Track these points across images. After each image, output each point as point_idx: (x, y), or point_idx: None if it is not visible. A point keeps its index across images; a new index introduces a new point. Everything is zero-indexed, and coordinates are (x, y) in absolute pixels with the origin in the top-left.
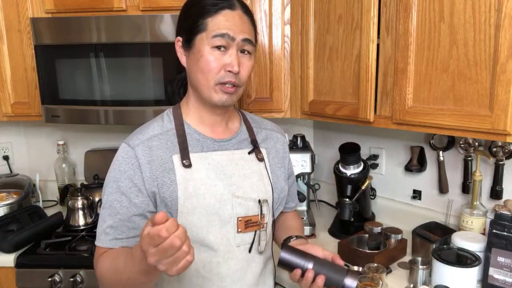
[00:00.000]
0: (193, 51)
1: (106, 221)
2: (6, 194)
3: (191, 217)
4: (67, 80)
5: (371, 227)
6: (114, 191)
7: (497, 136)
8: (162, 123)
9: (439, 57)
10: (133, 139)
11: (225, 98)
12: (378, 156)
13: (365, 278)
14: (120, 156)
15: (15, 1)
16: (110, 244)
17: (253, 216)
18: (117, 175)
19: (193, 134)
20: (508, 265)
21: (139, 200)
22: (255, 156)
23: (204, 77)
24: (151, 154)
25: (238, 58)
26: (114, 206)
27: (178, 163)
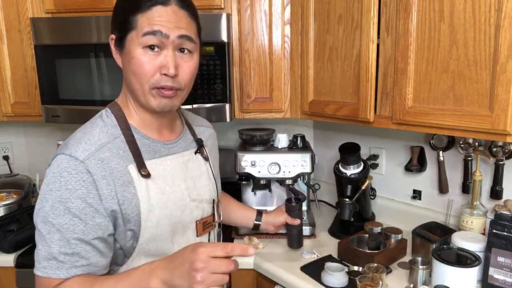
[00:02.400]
0: (124, 51)
1: (55, 247)
2: (6, 194)
3: (155, 230)
4: (67, 80)
5: (371, 227)
6: (63, 213)
7: (497, 136)
8: (106, 128)
9: (439, 57)
10: (78, 151)
11: (164, 102)
12: (378, 156)
13: (365, 278)
14: (65, 172)
15: (15, 1)
16: (69, 273)
17: (208, 217)
18: (64, 195)
19: (142, 139)
20: (508, 265)
21: (96, 222)
22: (201, 156)
23: (137, 81)
24: (104, 167)
25: (174, 58)
26: (66, 229)
27: (135, 174)
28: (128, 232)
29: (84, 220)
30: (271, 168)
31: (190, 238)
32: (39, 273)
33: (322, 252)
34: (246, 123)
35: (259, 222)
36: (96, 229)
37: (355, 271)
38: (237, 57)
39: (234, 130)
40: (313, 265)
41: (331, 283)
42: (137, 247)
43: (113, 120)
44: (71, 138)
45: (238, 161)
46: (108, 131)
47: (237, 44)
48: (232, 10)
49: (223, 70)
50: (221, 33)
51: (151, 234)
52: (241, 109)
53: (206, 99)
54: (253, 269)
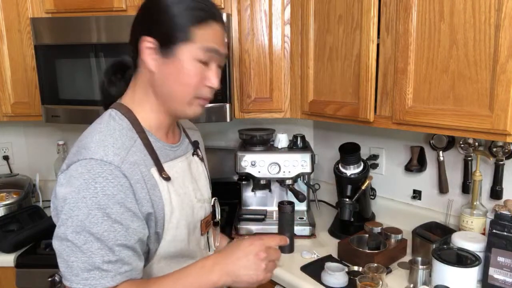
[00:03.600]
0: (172, 59)
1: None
2: (6, 194)
3: (175, 231)
4: (67, 80)
5: (371, 227)
6: (101, 220)
7: (497, 136)
8: (124, 131)
9: (439, 57)
10: (109, 155)
11: (199, 110)
12: (378, 156)
13: (365, 278)
14: (100, 177)
15: (15, 1)
16: (114, 281)
17: (208, 215)
18: (102, 201)
19: (155, 142)
20: (508, 265)
21: (135, 225)
22: (197, 157)
23: (182, 90)
24: (136, 171)
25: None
26: (106, 237)
27: (158, 177)
28: (154, 235)
29: (125, 225)
30: (271, 168)
31: (198, 237)
32: (79, 286)
33: (322, 252)
34: (246, 123)
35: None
36: (136, 232)
37: (355, 271)
38: (237, 57)
39: (234, 130)
40: (313, 265)
41: (331, 283)
42: (159, 249)
43: (127, 123)
44: (89, 141)
45: (238, 161)
46: (127, 134)
47: (237, 44)
48: (232, 10)
49: (223, 70)
50: None
51: (171, 235)
52: (241, 109)
53: None
54: None
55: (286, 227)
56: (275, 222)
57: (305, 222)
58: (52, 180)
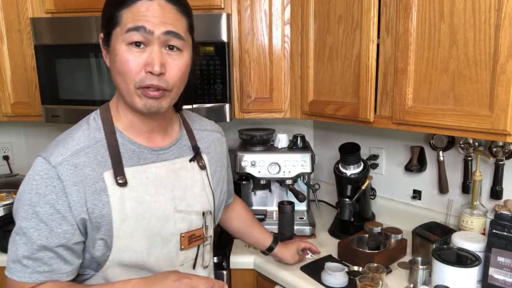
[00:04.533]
0: (111, 49)
1: (20, 250)
2: (6, 194)
3: (129, 241)
4: (67, 80)
5: (371, 227)
6: (30, 217)
7: (497, 136)
8: (89, 132)
9: (439, 57)
10: (54, 154)
11: (150, 103)
12: (378, 156)
13: (365, 278)
14: (37, 175)
15: (15, 1)
16: (31, 278)
17: (196, 230)
18: (34, 198)
19: (127, 144)
20: (508, 265)
21: (62, 229)
22: (196, 164)
23: (122, 80)
24: (77, 173)
25: (161, 55)
26: (31, 234)
27: (110, 181)
28: (99, 241)
29: (50, 226)
30: (271, 168)
31: (172, 252)
32: (6, 273)
33: (322, 252)
34: (246, 123)
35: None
36: (61, 237)
37: (355, 271)
38: (237, 57)
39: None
40: (313, 265)
41: (331, 283)
42: (111, 256)
43: (99, 123)
44: (54, 140)
45: (238, 161)
46: (90, 134)
47: (237, 44)
48: (232, 10)
49: (223, 70)
50: (221, 33)
51: (124, 244)
52: (241, 109)
53: (206, 99)
54: (253, 269)
55: (286, 227)
56: (275, 222)
57: (305, 222)
58: None
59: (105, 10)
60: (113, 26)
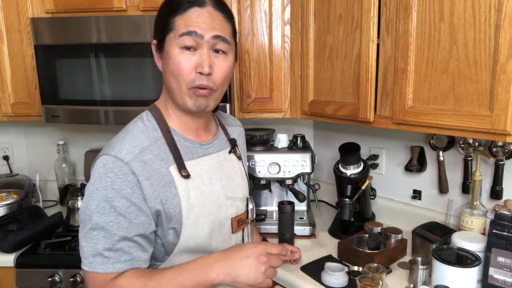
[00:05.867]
0: (165, 54)
1: (100, 244)
2: (6, 194)
3: (194, 228)
4: (67, 80)
5: (371, 227)
6: (108, 212)
7: (497, 136)
8: (147, 132)
9: (439, 57)
10: (122, 152)
11: (199, 102)
12: (378, 156)
13: (365, 278)
14: (111, 173)
15: (15, 1)
16: (114, 268)
17: (242, 214)
18: (109, 194)
19: (182, 141)
20: (508, 265)
21: (139, 220)
22: (234, 155)
23: (175, 81)
24: (147, 169)
25: (209, 58)
26: (110, 227)
27: (176, 175)
28: (171, 230)
29: (128, 219)
30: (271, 168)
31: (226, 235)
32: (86, 268)
33: (322, 252)
34: (246, 123)
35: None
36: (139, 227)
37: (355, 271)
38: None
39: None
40: (313, 265)
41: (331, 283)
42: (178, 243)
43: (154, 124)
44: (114, 139)
45: None
46: (150, 134)
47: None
48: (232, 10)
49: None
50: None
51: (190, 231)
52: (241, 109)
53: None
54: None
55: (286, 227)
56: (275, 222)
57: (305, 222)
58: (52, 180)
59: (159, 18)
60: (167, 32)
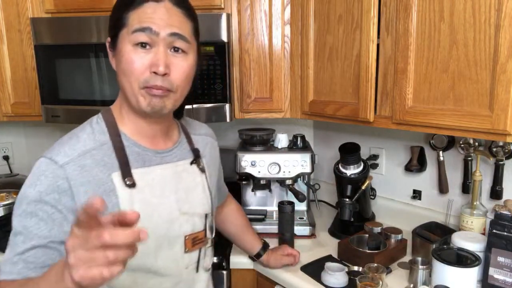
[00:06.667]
0: (117, 51)
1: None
2: (6, 194)
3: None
4: (67, 80)
5: (371, 227)
6: (30, 216)
7: (497, 136)
8: (93, 135)
9: (439, 57)
10: (59, 155)
11: (154, 102)
12: (378, 156)
13: (365, 278)
14: (42, 175)
15: (15, 1)
16: (18, 275)
17: (199, 232)
18: (36, 196)
19: (132, 146)
20: (508, 265)
21: (62, 229)
22: (196, 167)
23: (127, 81)
24: (84, 174)
25: (165, 56)
26: (29, 232)
27: (119, 183)
28: None
29: (50, 226)
30: (271, 168)
31: (177, 254)
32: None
33: (322, 252)
34: (246, 123)
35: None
36: (61, 236)
37: (355, 271)
38: (237, 57)
39: (234, 130)
40: (313, 265)
41: (331, 283)
42: None
43: (103, 127)
44: (57, 141)
45: (238, 161)
46: (96, 137)
47: (237, 44)
48: (232, 10)
49: (223, 70)
50: (221, 33)
51: None
52: (241, 109)
53: (206, 99)
54: (253, 269)
55: (286, 227)
56: (275, 222)
57: (305, 222)
58: None
59: (113, 13)
60: (120, 28)
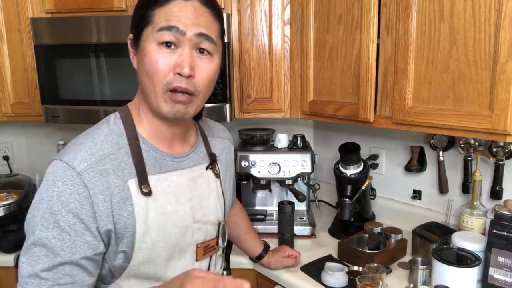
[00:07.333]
0: (140, 50)
1: (40, 263)
2: (6, 194)
3: (149, 253)
4: (67, 80)
5: (371, 227)
6: (51, 226)
7: (497, 136)
8: (111, 137)
9: (439, 57)
10: (77, 159)
11: (177, 109)
12: (378, 156)
13: (365, 278)
14: (60, 182)
15: (15, 1)
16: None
17: (211, 240)
18: (55, 206)
19: (150, 151)
20: (508, 265)
21: (85, 240)
22: (212, 172)
23: (149, 82)
24: (102, 181)
25: (191, 58)
26: (52, 245)
27: (135, 190)
28: (120, 253)
29: (73, 237)
30: (271, 168)
31: (188, 263)
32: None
33: (322, 252)
34: (246, 123)
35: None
36: (85, 247)
37: (355, 271)
38: (237, 57)
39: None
40: (313, 265)
41: (331, 283)
42: (128, 268)
43: (121, 128)
44: (72, 142)
45: (238, 161)
46: (113, 140)
47: (237, 44)
48: (232, 10)
49: (223, 70)
50: None
51: (144, 256)
52: (241, 109)
53: None
54: (253, 269)
55: (286, 227)
56: (275, 222)
57: (305, 222)
58: None
59: (137, 10)
60: (145, 25)
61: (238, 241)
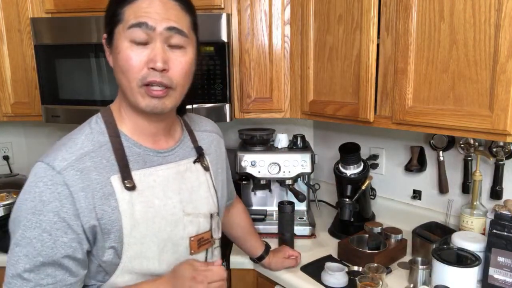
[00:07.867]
0: (113, 48)
1: (21, 263)
2: (6, 194)
3: (140, 248)
4: (67, 80)
5: (371, 227)
6: (33, 226)
7: (497, 136)
8: (92, 136)
9: (439, 57)
10: (57, 159)
11: (154, 103)
12: (378, 156)
13: (365, 278)
14: (41, 182)
15: (15, 1)
16: None
17: (204, 233)
18: (37, 206)
19: (133, 147)
20: (508, 265)
21: (67, 238)
22: (200, 165)
23: (125, 78)
24: (83, 178)
25: (163, 52)
26: (34, 245)
27: (118, 186)
28: (109, 249)
29: (54, 236)
30: (271, 168)
31: (182, 256)
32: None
33: (322, 252)
34: (246, 123)
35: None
36: (66, 247)
37: (355, 271)
38: (237, 57)
39: (234, 130)
40: (313, 265)
41: (331, 283)
42: (120, 265)
43: (102, 127)
44: (54, 144)
45: (238, 161)
46: (94, 138)
47: (237, 44)
48: (232, 10)
49: (223, 70)
50: (221, 33)
51: (135, 251)
52: (241, 109)
53: (206, 99)
54: (253, 269)
55: (286, 227)
56: (275, 222)
57: (305, 222)
58: None
59: (108, 9)
60: (116, 24)
61: (240, 241)
